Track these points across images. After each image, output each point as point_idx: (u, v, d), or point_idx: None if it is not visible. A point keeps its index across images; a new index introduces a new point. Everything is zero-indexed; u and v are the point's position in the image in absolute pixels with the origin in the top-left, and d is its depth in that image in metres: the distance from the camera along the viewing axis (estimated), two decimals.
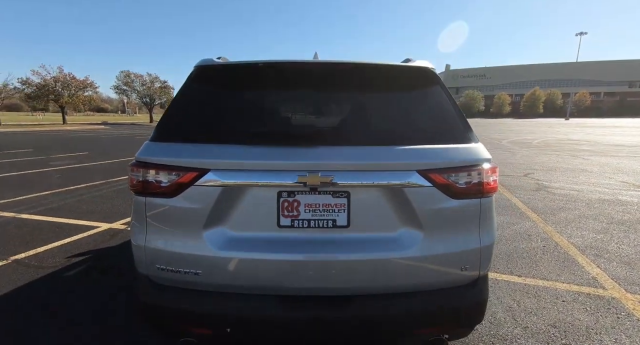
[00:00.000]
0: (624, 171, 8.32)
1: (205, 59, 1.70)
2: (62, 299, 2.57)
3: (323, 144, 1.42)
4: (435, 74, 1.64)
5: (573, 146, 14.76)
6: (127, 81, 49.22)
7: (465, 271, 1.48)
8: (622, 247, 3.58)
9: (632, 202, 5.40)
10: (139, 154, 1.46)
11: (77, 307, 2.45)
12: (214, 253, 1.37)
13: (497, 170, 1.51)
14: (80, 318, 2.32)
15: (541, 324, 2.27)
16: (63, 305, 2.48)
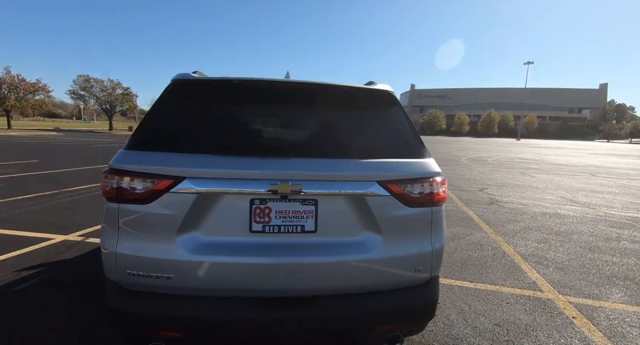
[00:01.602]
0: (563, 188, 9.27)
1: (182, 73, 1.79)
2: (8, 316, 2.40)
3: (293, 156, 1.55)
4: (394, 96, 1.85)
5: (522, 164, 16.13)
6: (86, 86, 46.31)
7: (419, 273, 1.65)
8: (558, 254, 4.02)
9: (569, 215, 6.05)
10: (113, 161, 1.50)
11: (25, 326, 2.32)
12: (188, 257, 1.43)
13: (446, 182, 1.73)
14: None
15: (488, 324, 2.51)
16: (8, 322, 2.33)
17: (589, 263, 3.77)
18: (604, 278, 3.38)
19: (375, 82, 2.03)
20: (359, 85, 1.83)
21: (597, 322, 2.55)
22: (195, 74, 1.81)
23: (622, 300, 2.93)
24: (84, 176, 8.32)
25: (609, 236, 4.84)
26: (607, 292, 3.07)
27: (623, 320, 2.61)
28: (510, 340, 2.31)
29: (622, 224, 5.53)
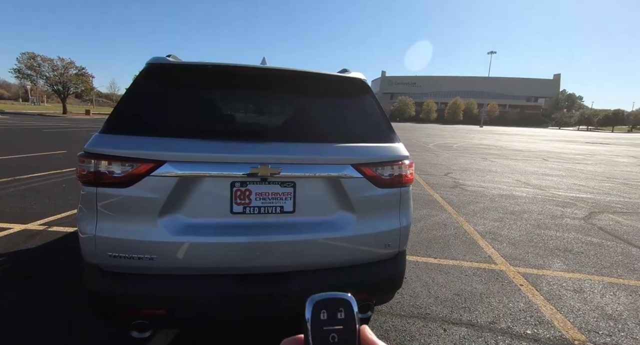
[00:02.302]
0: (518, 171, 10.04)
1: (157, 57, 1.76)
2: None
3: (272, 140, 1.62)
4: (366, 84, 1.95)
5: (484, 150, 17.13)
6: (32, 65, 41.80)
7: (388, 248, 1.81)
8: (511, 231, 4.45)
9: (522, 196, 6.62)
10: (88, 145, 1.48)
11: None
12: (170, 239, 1.47)
13: (413, 165, 1.88)
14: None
15: (448, 294, 2.78)
16: None
17: (536, 238, 4.22)
18: (548, 250, 3.82)
19: (349, 70, 2.11)
20: (333, 73, 1.91)
21: (539, 288, 2.92)
22: (170, 58, 1.79)
23: (561, 269, 3.34)
24: (39, 163, 7.75)
25: (554, 214, 5.39)
26: (550, 262, 3.48)
27: (560, 285, 3.00)
28: (467, 307, 2.59)
29: (566, 203, 6.16)
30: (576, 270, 3.33)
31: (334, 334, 0.27)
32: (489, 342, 2.18)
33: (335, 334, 0.27)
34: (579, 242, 4.11)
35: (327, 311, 0.28)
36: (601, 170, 11.06)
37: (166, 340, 2.06)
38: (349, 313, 0.28)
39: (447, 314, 2.49)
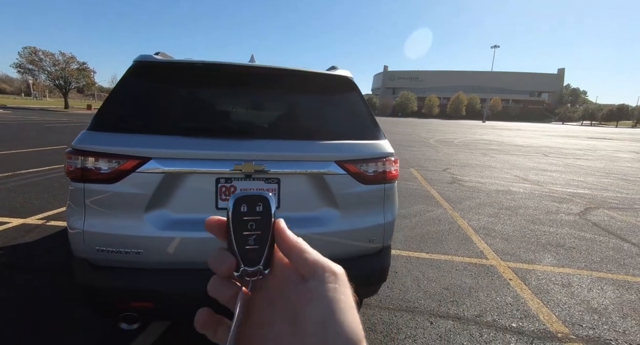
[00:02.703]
0: (518, 167, 10.02)
1: (143, 54, 1.78)
2: None
3: (256, 137, 1.65)
4: (353, 82, 1.97)
5: (485, 146, 17.08)
6: (34, 59, 41.80)
7: (373, 243, 1.85)
8: (505, 227, 4.48)
9: (519, 192, 6.63)
10: (75, 142, 1.52)
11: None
12: (156, 233, 1.52)
13: (398, 161, 1.91)
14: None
15: (438, 288, 2.82)
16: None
17: (529, 233, 4.25)
18: (540, 246, 3.85)
19: (337, 67, 2.13)
20: (320, 71, 1.92)
21: (528, 282, 2.96)
22: (158, 56, 1.82)
23: (552, 263, 3.38)
24: (39, 158, 7.82)
25: (550, 210, 5.41)
26: (540, 257, 3.51)
27: (549, 279, 3.03)
28: (455, 301, 2.63)
29: (562, 199, 6.17)
30: (566, 265, 3.36)
31: (252, 223, 0.32)
32: (474, 334, 2.23)
33: (254, 223, 0.32)
34: (571, 238, 4.14)
35: (247, 205, 0.32)
36: (601, 166, 11.03)
37: (159, 331, 2.12)
38: (266, 207, 0.33)
39: (434, 307, 2.54)
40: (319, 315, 0.27)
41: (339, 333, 0.26)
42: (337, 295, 0.28)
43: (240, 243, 0.32)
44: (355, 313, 0.28)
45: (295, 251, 0.31)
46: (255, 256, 0.31)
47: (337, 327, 0.26)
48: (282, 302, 0.30)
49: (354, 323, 0.27)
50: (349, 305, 0.28)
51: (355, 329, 0.26)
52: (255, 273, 0.31)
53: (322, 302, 0.27)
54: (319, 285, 0.28)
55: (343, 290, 0.29)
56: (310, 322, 0.27)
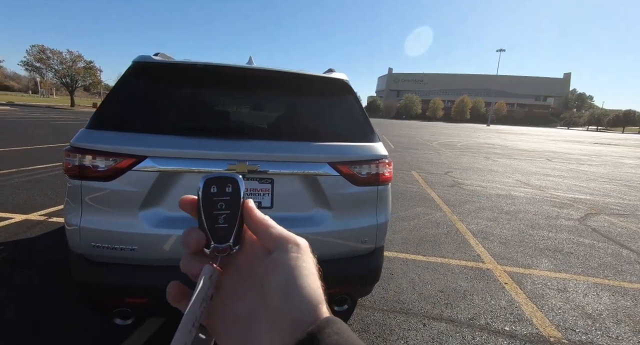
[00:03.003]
0: (520, 171, 9.98)
1: (142, 55, 1.82)
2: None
3: (251, 138, 1.68)
4: (348, 85, 1.99)
5: (488, 149, 17.02)
6: (41, 57, 42.32)
7: (365, 244, 1.87)
8: (503, 231, 4.47)
9: (520, 197, 6.61)
10: (74, 140, 1.56)
11: None
12: (151, 231, 1.55)
13: (392, 164, 1.92)
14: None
15: (432, 290, 2.83)
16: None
17: (528, 238, 4.24)
18: (538, 250, 3.84)
19: (334, 70, 2.15)
20: (317, 74, 1.95)
21: (523, 287, 2.95)
22: (157, 57, 1.85)
23: (548, 268, 3.37)
24: (44, 155, 7.92)
25: (550, 215, 5.39)
26: (537, 262, 3.51)
27: (545, 284, 3.03)
28: (450, 303, 2.64)
29: (563, 204, 6.15)
30: (563, 270, 3.35)
31: (222, 203, 0.34)
32: (466, 337, 2.24)
33: (223, 203, 0.34)
34: (570, 243, 4.13)
35: (217, 186, 0.34)
36: (605, 172, 10.95)
37: (154, 327, 2.15)
38: (235, 188, 0.34)
39: (428, 309, 2.54)
40: (280, 281, 0.29)
41: (299, 296, 0.28)
42: (299, 263, 0.30)
43: (210, 221, 0.33)
44: (316, 279, 0.30)
45: (261, 227, 0.33)
46: (225, 234, 0.33)
47: (297, 291, 0.28)
48: (251, 277, 0.32)
49: (314, 287, 0.29)
50: (309, 271, 0.30)
51: (314, 292, 0.28)
52: (225, 249, 0.33)
53: (284, 269, 0.29)
54: (281, 255, 0.31)
55: (304, 259, 0.31)
56: (273, 288, 0.29)
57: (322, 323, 0.26)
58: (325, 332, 0.25)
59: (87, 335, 2.06)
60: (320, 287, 0.29)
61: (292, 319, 0.27)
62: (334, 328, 0.26)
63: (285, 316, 0.28)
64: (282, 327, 0.27)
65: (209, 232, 0.33)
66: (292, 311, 0.28)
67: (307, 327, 0.26)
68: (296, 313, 0.27)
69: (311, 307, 0.28)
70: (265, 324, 0.29)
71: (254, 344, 0.29)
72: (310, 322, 0.26)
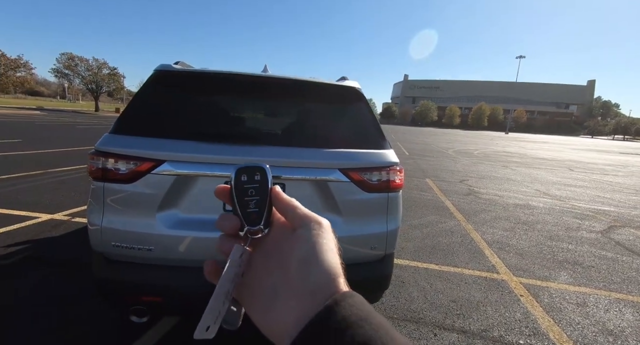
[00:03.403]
0: (539, 181, 9.69)
1: (164, 64, 1.91)
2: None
3: (264, 144, 1.73)
4: (361, 93, 2.02)
5: (506, 158, 16.61)
6: (70, 65, 44.61)
7: (375, 250, 1.87)
8: (520, 242, 4.35)
9: (539, 207, 6.42)
10: (98, 144, 1.65)
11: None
12: (167, 232, 1.61)
13: (403, 171, 1.93)
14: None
15: (444, 300, 2.78)
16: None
17: (546, 249, 4.11)
18: (556, 263, 3.71)
19: (347, 78, 2.19)
20: (330, 82, 1.99)
21: (540, 299, 2.86)
22: (178, 65, 1.94)
23: (567, 282, 3.25)
24: (69, 157, 8.29)
25: (570, 226, 5.20)
26: (556, 275, 3.39)
27: (563, 297, 2.92)
28: (462, 314, 2.59)
29: (584, 216, 5.92)
30: (583, 284, 3.23)
31: (252, 189, 0.37)
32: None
33: (253, 189, 0.37)
34: (591, 256, 3.97)
35: (247, 175, 0.37)
36: (631, 183, 10.49)
37: (169, 325, 2.21)
38: (264, 176, 0.37)
39: (440, 319, 2.50)
40: (301, 254, 0.32)
41: (318, 268, 0.30)
42: (320, 239, 0.32)
43: (243, 207, 0.36)
44: (335, 255, 0.32)
45: (289, 208, 0.36)
46: (256, 217, 0.36)
47: (316, 264, 0.31)
48: (277, 254, 0.35)
49: (333, 262, 0.31)
50: (329, 247, 0.32)
51: (332, 266, 0.31)
52: (257, 231, 0.36)
53: (305, 244, 0.32)
54: (304, 232, 0.33)
55: (325, 236, 0.33)
56: (294, 260, 0.32)
57: (339, 297, 0.28)
58: (341, 305, 0.27)
59: (102, 330, 2.13)
60: (339, 263, 0.32)
61: (311, 290, 0.29)
62: (349, 301, 0.27)
63: (305, 287, 0.30)
64: (301, 297, 0.30)
65: (242, 216, 0.36)
66: (311, 282, 0.30)
67: (324, 298, 0.28)
68: (315, 285, 0.30)
69: (329, 279, 0.30)
70: (287, 294, 0.31)
71: (277, 313, 0.31)
72: (328, 294, 0.28)
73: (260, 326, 0.32)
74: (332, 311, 0.26)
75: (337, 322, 0.26)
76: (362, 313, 0.27)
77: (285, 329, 0.29)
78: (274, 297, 0.32)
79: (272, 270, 0.34)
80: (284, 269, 0.33)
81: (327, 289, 0.29)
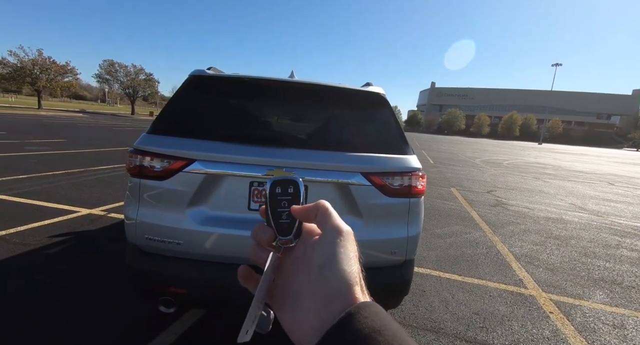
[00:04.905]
0: (575, 195, 9.15)
1: (198, 69, 2.04)
2: (46, 271, 2.77)
3: (289, 146, 1.79)
4: (385, 98, 2.05)
5: (538, 169, 15.82)
6: (111, 71, 47.90)
7: (395, 255, 1.87)
8: (551, 257, 4.13)
9: (573, 221, 6.06)
10: (137, 143, 1.77)
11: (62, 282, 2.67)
12: (195, 227, 1.70)
13: (425, 177, 1.92)
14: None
15: (467, 312, 2.70)
16: (49, 276, 2.69)
17: (580, 266, 3.87)
18: (591, 281, 3.49)
19: (371, 84, 2.23)
20: (355, 88, 2.03)
21: (572, 318, 2.71)
22: (210, 71, 2.06)
23: (603, 301, 3.05)
24: (106, 157, 8.84)
25: (608, 243, 4.88)
26: (590, 293, 3.19)
27: (598, 318, 2.75)
28: (485, 327, 2.50)
29: (625, 233, 5.53)
30: (621, 304, 3.02)
31: (285, 201, 0.39)
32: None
33: (286, 201, 0.39)
34: (631, 276, 3.70)
35: (281, 187, 0.39)
36: None
37: (194, 318, 2.30)
38: (296, 189, 0.40)
39: (461, 331, 2.43)
40: (319, 260, 0.33)
41: (333, 275, 0.32)
42: (337, 248, 0.33)
43: (276, 218, 0.38)
44: (353, 263, 0.33)
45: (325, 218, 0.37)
46: (287, 228, 0.38)
47: (332, 271, 0.32)
48: (302, 260, 0.37)
49: (348, 270, 0.32)
50: (346, 256, 0.33)
51: (347, 274, 0.32)
52: (288, 242, 0.38)
53: (323, 251, 0.34)
54: (324, 239, 0.35)
55: (344, 244, 0.34)
56: (313, 266, 0.34)
57: (353, 309, 0.28)
58: (356, 317, 0.28)
59: (133, 318, 2.26)
60: (356, 271, 0.33)
61: (327, 296, 0.31)
62: (363, 313, 0.28)
63: (322, 293, 0.31)
64: (319, 303, 0.31)
65: (274, 227, 0.38)
66: (328, 288, 0.31)
67: (340, 307, 0.29)
68: (331, 291, 0.31)
69: (344, 287, 0.31)
70: (307, 300, 0.33)
71: (301, 318, 0.32)
72: (344, 303, 0.30)
73: (287, 330, 0.34)
74: (346, 324, 0.27)
75: (350, 337, 0.27)
76: (376, 325, 0.27)
77: (307, 334, 0.31)
78: (299, 301, 0.34)
79: (298, 276, 0.36)
80: (307, 275, 0.34)
81: (342, 297, 0.30)
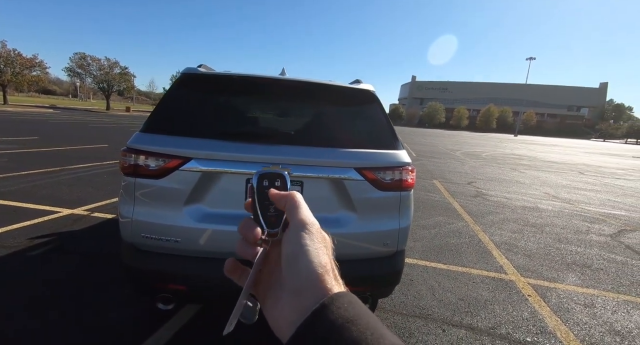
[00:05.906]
0: (548, 184, 9.63)
1: (190, 67, 2.03)
2: (28, 274, 2.70)
3: (284, 143, 1.82)
4: (374, 95, 2.11)
5: (515, 160, 16.48)
6: (82, 64, 45.51)
7: (387, 246, 1.95)
8: (528, 244, 4.37)
9: (547, 210, 6.41)
10: (130, 141, 1.76)
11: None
12: (193, 225, 1.71)
13: (415, 171, 2.01)
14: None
15: (453, 298, 2.85)
16: (30, 279, 2.63)
17: (554, 251, 4.13)
18: (564, 265, 3.74)
19: (361, 81, 2.28)
20: (345, 85, 2.08)
21: (547, 300, 2.91)
22: (201, 68, 2.06)
23: (575, 283, 3.28)
24: (84, 155, 8.52)
25: (579, 229, 5.20)
26: (564, 276, 3.43)
27: (571, 298, 2.96)
28: (470, 311, 2.65)
29: (594, 219, 5.90)
30: (591, 285, 3.26)
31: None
32: (486, 344, 2.25)
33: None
34: (600, 259, 3.99)
35: (268, 180, 0.40)
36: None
37: (191, 313, 2.32)
38: (283, 182, 0.40)
39: (448, 316, 2.57)
40: (287, 255, 0.35)
41: (299, 268, 0.33)
42: (303, 240, 0.35)
43: (264, 211, 0.38)
44: (320, 254, 0.34)
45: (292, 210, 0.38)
46: (275, 221, 0.38)
47: (298, 264, 0.33)
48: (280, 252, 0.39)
49: (317, 261, 0.33)
50: (313, 247, 0.34)
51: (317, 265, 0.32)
52: (275, 234, 0.38)
53: (290, 245, 0.35)
54: (291, 233, 0.36)
55: (309, 237, 0.35)
56: (283, 260, 0.35)
57: (327, 300, 0.29)
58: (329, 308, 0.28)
59: (128, 316, 2.25)
60: (324, 262, 0.33)
61: (297, 288, 0.32)
62: (336, 304, 0.28)
63: (292, 284, 0.33)
64: (291, 294, 0.33)
65: (262, 219, 0.38)
66: (297, 280, 0.32)
67: (312, 298, 0.30)
68: (299, 283, 0.32)
69: (314, 278, 0.32)
70: (281, 291, 0.34)
71: (278, 310, 0.34)
72: (315, 294, 0.31)
73: (269, 323, 0.35)
74: (320, 315, 0.28)
75: (324, 327, 0.27)
76: (349, 315, 0.27)
77: (284, 326, 0.32)
78: (275, 292, 0.35)
79: (277, 267, 0.37)
80: (280, 267, 0.35)
81: (313, 288, 0.31)
